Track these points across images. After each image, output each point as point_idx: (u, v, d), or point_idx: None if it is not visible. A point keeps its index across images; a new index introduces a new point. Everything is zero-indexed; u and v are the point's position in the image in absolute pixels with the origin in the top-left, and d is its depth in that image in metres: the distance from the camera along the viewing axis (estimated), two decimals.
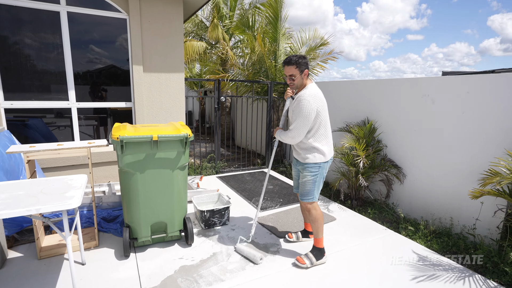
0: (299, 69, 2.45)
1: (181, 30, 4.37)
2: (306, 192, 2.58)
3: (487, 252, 2.90)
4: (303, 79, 2.49)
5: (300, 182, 2.65)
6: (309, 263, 2.55)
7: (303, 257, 2.59)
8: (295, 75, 2.46)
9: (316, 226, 2.58)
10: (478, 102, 3.21)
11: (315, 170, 2.53)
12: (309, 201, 2.58)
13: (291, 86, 2.53)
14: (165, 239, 2.86)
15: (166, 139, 2.52)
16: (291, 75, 2.47)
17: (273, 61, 6.34)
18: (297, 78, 2.48)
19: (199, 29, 9.91)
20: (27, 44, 3.62)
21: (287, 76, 2.50)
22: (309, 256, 2.59)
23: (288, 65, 2.47)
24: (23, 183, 2.14)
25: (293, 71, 2.46)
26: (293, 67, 2.45)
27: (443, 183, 3.59)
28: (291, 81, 2.50)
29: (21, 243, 2.74)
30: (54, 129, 4.01)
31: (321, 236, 2.60)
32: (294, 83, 2.50)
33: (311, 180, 2.55)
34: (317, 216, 2.57)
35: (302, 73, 2.47)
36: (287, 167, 6.16)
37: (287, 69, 2.49)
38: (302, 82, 2.50)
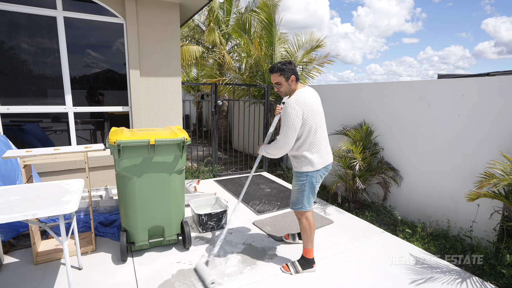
0: (284, 76, 2.37)
1: (178, 35, 4.40)
2: (295, 200, 2.51)
3: (484, 254, 2.91)
4: (290, 85, 2.41)
5: (291, 190, 2.59)
6: (294, 271, 2.51)
7: (288, 265, 2.56)
8: (281, 83, 2.40)
9: (305, 236, 2.50)
10: (473, 105, 3.25)
11: (302, 178, 2.44)
12: (297, 209, 2.50)
13: (280, 93, 2.47)
14: (163, 243, 2.85)
15: (163, 143, 2.52)
16: (277, 83, 2.42)
17: (269, 65, 6.37)
18: (283, 85, 2.41)
19: (196, 33, 9.95)
20: (24, 49, 3.62)
21: (274, 84, 2.46)
22: (295, 265, 2.54)
23: (272, 73, 2.42)
24: (20, 188, 2.13)
25: (277, 79, 2.40)
26: (277, 75, 2.38)
27: (440, 186, 3.62)
28: (278, 89, 2.45)
29: (17, 248, 2.72)
30: (50, 133, 4.00)
31: (311, 247, 2.52)
32: (281, 90, 2.44)
33: (298, 189, 2.47)
34: (306, 226, 2.49)
35: (288, 80, 2.39)
36: (285, 171, 6.16)
37: (272, 77, 2.43)
38: (290, 88, 2.42)
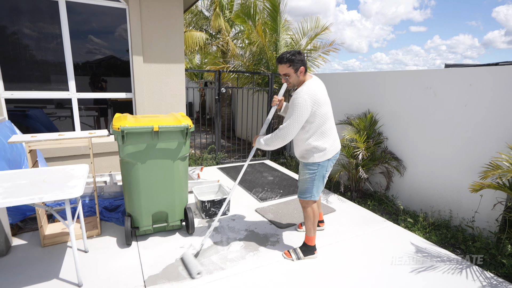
0: (294, 67, 2.29)
1: (181, 20, 4.33)
2: (304, 190, 2.51)
3: (485, 244, 2.93)
4: (299, 77, 2.33)
5: (299, 180, 2.58)
6: (296, 257, 2.55)
7: (290, 251, 2.59)
8: (290, 74, 2.31)
9: (309, 224, 2.53)
10: (481, 95, 3.20)
11: (314, 168, 2.43)
12: (305, 199, 2.50)
13: (288, 85, 2.39)
14: (166, 228, 2.89)
15: (167, 129, 2.53)
16: (285, 74, 2.33)
17: (274, 52, 6.29)
18: (292, 77, 2.33)
19: (199, 19, 9.81)
20: (26, 34, 3.59)
21: (282, 75, 2.37)
22: (296, 251, 2.58)
23: (281, 64, 2.31)
24: (26, 172, 2.16)
25: (286, 70, 2.30)
26: (286, 66, 2.29)
27: (443, 176, 3.61)
28: (286, 80, 2.36)
29: (25, 231, 2.78)
30: (54, 119, 4.02)
31: (313, 235, 2.55)
32: (290, 81, 2.36)
33: (309, 179, 2.45)
34: (310, 215, 2.51)
35: (297, 71, 2.31)
36: (288, 159, 6.17)
37: (280, 68, 2.33)
38: (299, 79, 2.34)
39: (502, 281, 2.37)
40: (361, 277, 2.36)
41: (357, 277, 2.35)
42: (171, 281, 2.21)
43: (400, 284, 2.28)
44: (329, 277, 2.35)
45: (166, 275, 2.28)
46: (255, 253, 2.63)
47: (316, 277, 2.33)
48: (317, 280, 2.30)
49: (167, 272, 2.32)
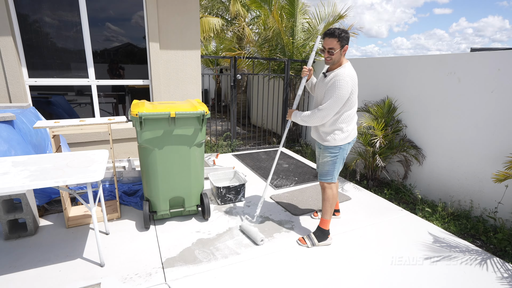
0: (341, 43, 2.29)
1: (197, 6, 4.29)
2: (325, 172, 2.56)
3: (508, 236, 2.84)
4: (341, 55, 2.34)
5: (320, 162, 2.61)
6: (310, 244, 2.57)
7: (305, 238, 2.62)
8: (335, 49, 2.29)
9: (326, 205, 2.57)
10: (510, 81, 3.03)
11: (335, 151, 2.48)
12: (327, 181, 2.56)
13: (328, 61, 2.36)
14: (183, 213, 2.96)
15: (184, 116, 2.55)
16: (331, 48, 2.30)
17: (290, 38, 6.16)
18: (336, 53, 2.31)
19: (215, 4, 9.69)
20: (47, 22, 3.67)
21: (326, 49, 2.33)
22: (310, 237, 2.60)
23: (331, 37, 2.29)
24: (50, 156, 2.25)
25: (334, 44, 2.28)
26: (335, 40, 2.28)
27: (465, 165, 3.49)
28: (330, 55, 2.32)
29: (50, 212, 2.92)
30: (75, 106, 4.14)
31: (329, 218, 2.59)
32: (331, 58, 2.33)
33: (331, 162, 2.51)
34: (330, 196, 2.56)
35: (342, 48, 2.31)
36: (303, 146, 6.13)
37: (328, 41, 2.30)
38: (340, 58, 2.35)
39: None
40: (376, 265, 2.35)
41: (371, 266, 2.34)
42: (188, 264, 2.28)
43: (416, 274, 2.26)
44: (342, 264, 2.35)
45: (183, 258, 2.35)
46: (269, 239, 2.66)
47: (329, 264, 2.35)
48: (330, 267, 2.32)
49: (183, 255, 2.39)
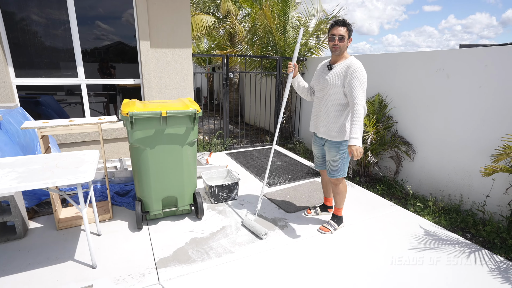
0: (349, 33, 2.41)
1: (188, 4, 4.25)
2: (336, 169, 2.59)
3: (496, 228, 2.90)
4: (347, 46, 2.44)
5: (329, 160, 2.63)
6: (333, 229, 2.74)
7: (326, 225, 2.77)
8: (344, 37, 2.39)
9: (341, 198, 2.73)
10: (496, 76, 3.08)
11: (343, 147, 2.51)
12: (339, 177, 2.61)
13: (336, 49, 2.42)
14: (176, 213, 2.95)
15: (175, 114, 2.53)
16: (341, 35, 2.39)
17: (282, 36, 6.16)
18: (345, 41, 2.40)
19: (206, 2, 9.63)
20: (34, 20, 3.59)
21: (336, 36, 2.40)
22: (331, 223, 2.78)
23: (342, 26, 2.40)
24: (39, 157, 2.21)
25: (343, 32, 2.39)
26: (345, 29, 2.39)
27: (454, 160, 3.55)
28: (340, 42, 2.40)
29: (40, 214, 2.88)
30: (65, 106, 4.07)
31: (342, 207, 2.80)
32: (340, 46, 2.40)
33: (340, 158, 2.54)
34: (343, 189, 2.70)
35: (349, 38, 2.43)
36: (296, 144, 6.15)
37: (338, 30, 2.39)
38: (345, 49, 2.45)
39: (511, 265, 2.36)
40: (370, 261, 2.37)
41: (365, 261, 2.37)
42: (181, 264, 2.27)
43: (408, 268, 2.29)
44: (337, 261, 2.37)
45: (177, 258, 2.34)
46: (260, 239, 2.66)
47: (324, 261, 2.36)
48: (325, 264, 2.33)
49: (177, 255, 2.38)
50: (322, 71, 2.58)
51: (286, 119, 6.49)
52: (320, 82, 2.57)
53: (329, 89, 2.47)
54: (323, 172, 2.92)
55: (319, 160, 2.83)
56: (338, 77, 2.42)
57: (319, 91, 2.59)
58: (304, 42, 6.32)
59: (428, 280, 2.16)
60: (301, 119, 6.45)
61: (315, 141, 2.77)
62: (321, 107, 2.57)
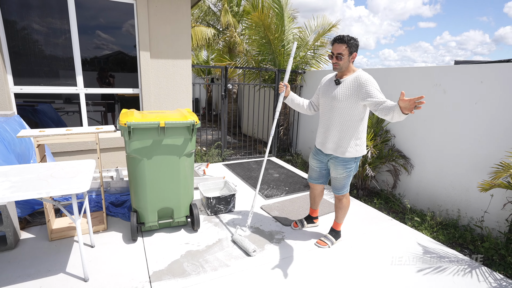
0: (349, 49, 2.31)
1: (188, 16, 4.31)
2: (342, 186, 2.56)
3: (494, 245, 2.88)
4: (349, 62, 2.35)
5: (334, 177, 2.57)
6: (330, 243, 2.71)
7: (323, 239, 2.73)
8: (343, 55, 2.30)
9: (343, 212, 2.71)
10: (492, 93, 3.13)
11: (351, 165, 2.47)
12: (344, 193, 2.60)
13: (335, 66, 2.36)
14: (172, 225, 2.90)
15: (173, 125, 2.52)
16: (340, 54, 2.30)
17: (282, 49, 6.24)
18: (345, 59, 2.32)
19: (206, 15, 9.79)
20: (35, 29, 3.61)
21: (334, 54, 2.33)
22: (329, 238, 2.73)
23: (340, 43, 2.31)
24: (34, 166, 2.18)
25: (342, 50, 2.30)
26: (344, 46, 2.30)
27: (452, 175, 3.55)
28: (338, 60, 2.32)
29: (33, 224, 2.82)
30: (63, 114, 4.05)
31: (342, 222, 2.77)
32: (339, 64, 2.33)
33: (346, 175, 2.50)
34: (346, 205, 2.67)
35: (351, 55, 2.33)
36: (293, 156, 6.15)
37: (337, 47, 2.32)
38: (348, 65, 2.36)
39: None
40: (365, 277, 2.34)
41: (361, 276, 2.33)
42: (176, 277, 2.22)
43: (405, 284, 2.26)
44: (333, 276, 2.33)
45: (171, 271, 2.29)
46: (260, 250, 2.62)
47: (320, 276, 2.32)
48: (321, 279, 2.29)
49: (172, 268, 2.33)
50: (329, 86, 2.50)
51: (284, 131, 6.50)
52: (327, 97, 2.47)
53: (338, 104, 2.38)
54: (316, 186, 2.83)
55: (316, 174, 2.74)
56: (347, 91, 2.33)
57: (326, 107, 2.50)
58: (303, 56, 6.40)
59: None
60: (299, 131, 6.46)
61: (316, 155, 2.67)
62: (330, 123, 2.47)
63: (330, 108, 2.46)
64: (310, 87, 6.01)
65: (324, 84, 2.58)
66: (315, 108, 2.74)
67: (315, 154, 2.69)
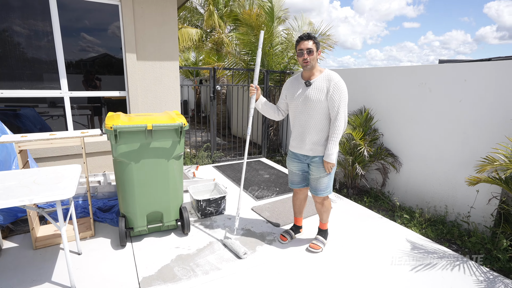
0: (316, 45, 2.35)
1: (175, 17, 4.27)
2: (325, 186, 2.50)
3: (481, 239, 2.94)
4: (316, 59, 2.37)
5: (316, 178, 2.49)
6: (323, 245, 2.69)
7: (315, 243, 2.68)
8: (313, 50, 2.32)
9: (327, 214, 2.70)
10: (475, 91, 3.20)
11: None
12: (327, 194, 2.54)
13: (306, 63, 2.34)
14: (162, 229, 2.86)
15: (161, 128, 2.49)
16: (309, 49, 2.31)
17: (270, 49, 6.25)
18: (314, 54, 2.33)
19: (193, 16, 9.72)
20: (16, 31, 3.51)
21: (304, 50, 2.32)
22: (320, 240, 2.72)
23: (307, 39, 2.34)
24: (16, 173, 2.11)
25: (311, 46, 2.32)
26: (311, 42, 2.33)
27: (439, 172, 3.61)
28: (309, 55, 2.32)
29: (16, 233, 2.72)
30: (47, 118, 3.95)
31: (328, 221, 2.78)
32: (309, 60, 2.33)
33: (328, 175, 2.48)
34: (329, 206, 2.67)
35: (317, 51, 2.37)
36: (283, 156, 6.15)
37: (305, 44, 2.32)
38: (316, 62, 2.38)
39: (497, 276, 2.38)
40: (358, 274, 2.35)
41: (353, 275, 2.34)
42: (166, 282, 2.18)
43: (397, 281, 2.28)
44: (324, 274, 2.33)
45: (162, 276, 2.25)
46: (252, 252, 2.61)
47: (312, 276, 2.32)
48: (313, 278, 2.29)
49: (162, 273, 2.29)
50: (297, 88, 2.46)
51: (273, 131, 6.50)
52: (298, 99, 2.43)
53: (312, 105, 2.36)
54: (300, 190, 2.74)
55: (298, 178, 2.64)
56: (321, 92, 2.33)
57: (298, 109, 2.45)
58: (291, 56, 6.42)
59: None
60: (288, 131, 6.48)
61: (295, 158, 2.58)
62: (305, 125, 2.42)
63: (303, 110, 2.42)
64: None
65: (291, 87, 2.52)
66: (283, 113, 2.68)
67: (294, 158, 2.60)
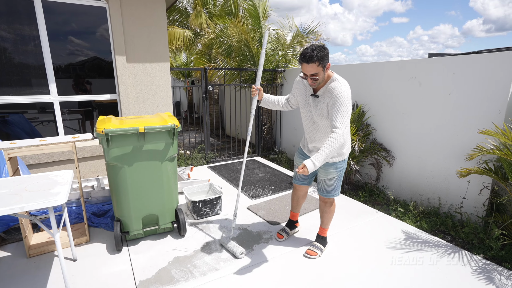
0: (323, 64, 2.05)
1: (164, 18, 4.24)
2: (332, 188, 2.44)
3: (473, 229, 2.99)
4: (325, 74, 2.13)
5: (324, 180, 2.43)
6: (320, 252, 2.57)
7: (312, 249, 2.57)
8: (318, 74, 2.06)
9: (330, 217, 2.59)
10: (463, 83, 3.24)
11: (340, 165, 2.37)
12: (334, 196, 2.47)
13: (313, 85, 2.17)
14: (158, 231, 2.84)
15: (153, 130, 2.47)
16: (313, 75, 2.07)
17: (259, 48, 6.24)
18: (320, 76, 2.10)
19: (183, 16, 9.66)
20: (2, 36, 3.44)
21: (308, 76, 2.09)
22: (317, 246, 2.60)
23: (310, 63, 2.02)
24: (6, 181, 2.07)
25: (315, 70, 2.04)
26: (316, 65, 2.02)
27: (431, 164, 3.66)
28: (314, 81, 2.11)
29: (8, 242, 2.68)
30: (37, 124, 3.89)
31: (328, 227, 2.65)
32: (316, 82, 2.13)
33: (337, 176, 2.39)
34: (333, 209, 2.57)
35: (325, 68, 2.08)
36: (278, 155, 6.16)
37: (308, 68, 2.05)
38: (324, 77, 2.15)
39: (490, 263, 2.43)
40: (355, 269, 2.37)
41: (351, 269, 2.36)
42: (164, 285, 2.17)
43: (394, 273, 2.30)
44: (322, 271, 2.35)
45: (159, 279, 2.23)
46: (248, 251, 2.61)
47: (310, 272, 2.33)
48: (311, 275, 2.30)
49: (159, 276, 2.27)
50: (306, 93, 2.34)
51: (267, 130, 6.51)
52: (306, 108, 2.35)
53: (319, 120, 2.28)
54: (300, 187, 2.72)
55: (302, 175, 2.60)
56: (324, 105, 2.19)
57: (307, 117, 2.38)
58: (282, 54, 6.43)
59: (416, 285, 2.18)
60: (282, 129, 6.49)
61: (303, 155, 2.54)
62: (312, 131, 2.38)
63: (311, 121, 2.36)
64: (291, 84, 6.04)
65: (301, 86, 2.39)
66: (292, 106, 2.61)
67: (301, 154, 2.58)
